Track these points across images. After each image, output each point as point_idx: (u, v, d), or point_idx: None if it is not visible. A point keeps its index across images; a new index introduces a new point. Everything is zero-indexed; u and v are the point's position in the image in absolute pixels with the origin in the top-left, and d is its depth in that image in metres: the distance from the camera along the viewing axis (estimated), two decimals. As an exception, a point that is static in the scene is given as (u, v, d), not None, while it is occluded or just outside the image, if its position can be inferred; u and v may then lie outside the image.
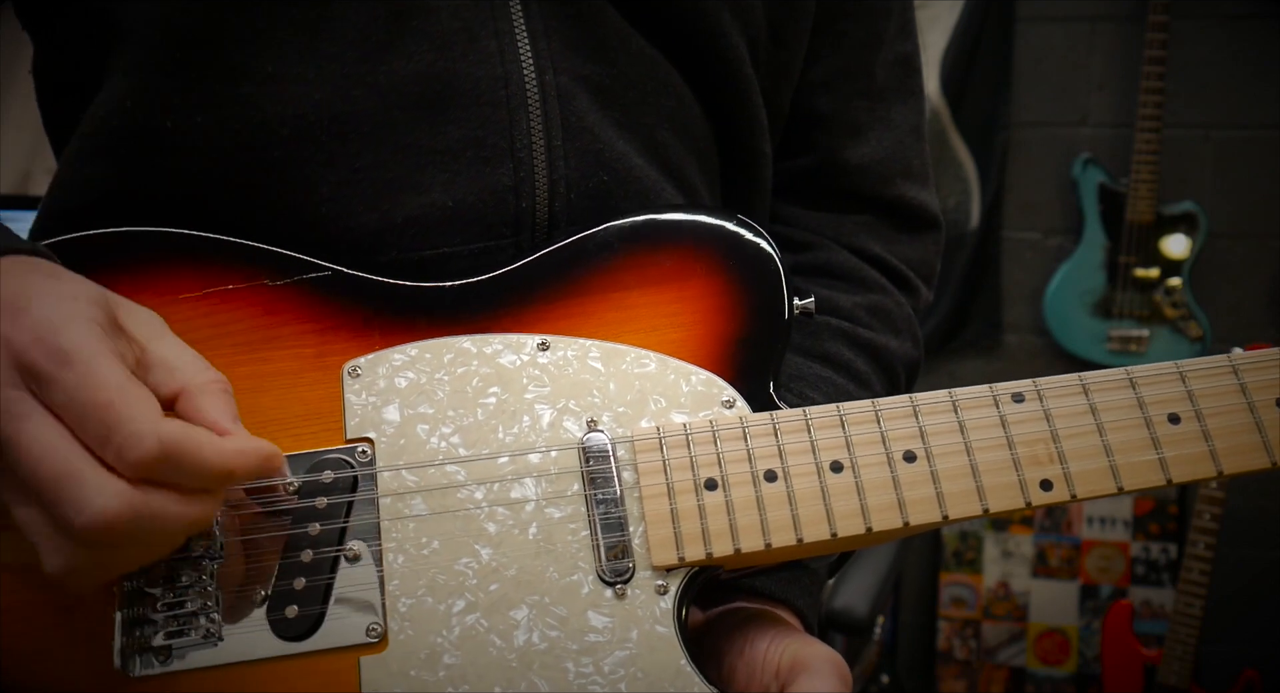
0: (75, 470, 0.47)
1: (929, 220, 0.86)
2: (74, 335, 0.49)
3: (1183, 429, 0.60)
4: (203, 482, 0.50)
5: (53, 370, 0.48)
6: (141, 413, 0.48)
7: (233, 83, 0.64)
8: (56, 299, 0.50)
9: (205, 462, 0.49)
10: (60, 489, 0.47)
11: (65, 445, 0.48)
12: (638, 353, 0.63)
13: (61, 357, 0.48)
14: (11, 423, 0.48)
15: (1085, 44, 2.51)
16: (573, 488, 0.60)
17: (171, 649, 0.57)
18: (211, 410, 0.52)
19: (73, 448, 0.48)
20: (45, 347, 0.48)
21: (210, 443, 0.50)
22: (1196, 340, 2.44)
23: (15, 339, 0.49)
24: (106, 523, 0.47)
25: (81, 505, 0.47)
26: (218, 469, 0.50)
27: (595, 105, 0.69)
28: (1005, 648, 2.64)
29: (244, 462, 0.51)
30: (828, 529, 0.59)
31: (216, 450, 0.50)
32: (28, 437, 0.48)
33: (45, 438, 0.48)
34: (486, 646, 0.57)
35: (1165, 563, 2.55)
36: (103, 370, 0.48)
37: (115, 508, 0.47)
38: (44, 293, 0.51)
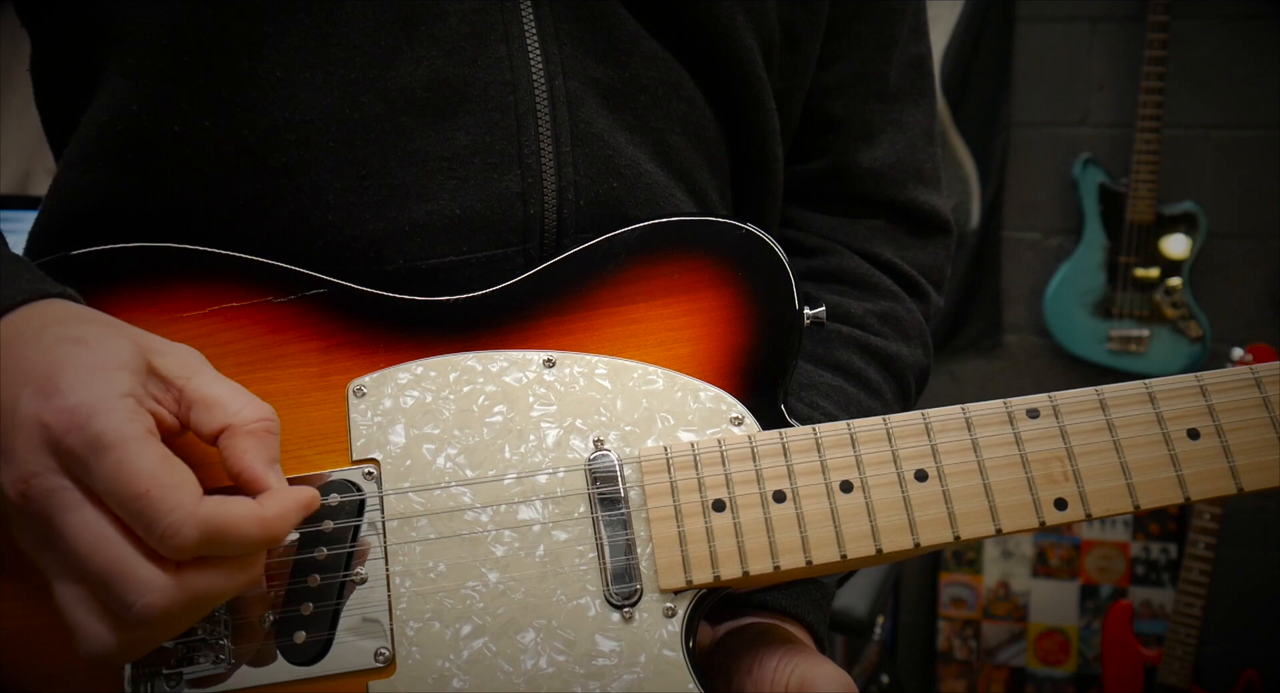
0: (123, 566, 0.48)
1: (940, 225, 0.86)
2: (107, 420, 0.49)
3: (1202, 445, 0.59)
4: (247, 552, 0.51)
5: (91, 458, 0.48)
6: (178, 500, 0.48)
7: (241, 88, 0.64)
8: (87, 373, 0.50)
9: (247, 535, 0.50)
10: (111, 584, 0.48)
11: (111, 536, 0.48)
12: (645, 369, 0.63)
13: (96, 444, 0.48)
14: (59, 513, 0.49)
15: (1085, 44, 2.51)
16: (579, 509, 0.60)
17: (182, 676, 0.56)
18: (248, 455, 0.52)
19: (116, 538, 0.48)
20: (81, 434, 0.48)
21: (249, 515, 0.50)
22: (1196, 340, 2.44)
23: (53, 424, 0.49)
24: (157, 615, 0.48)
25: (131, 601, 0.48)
26: (260, 540, 0.50)
27: (605, 109, 0.69)
28: (1005, 648, 2.64)
29: (284, 524, 0.51)
30: (837, 552, 0.58)
31: (256, 521, 0.50)
32: (75, 527, 0.48)
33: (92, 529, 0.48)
34: (495, 670, 0.57)
35: (1165, 563, 2.55)
36: (136, 458, 0.48)
37: (166, 600, 0.48)
38: (72, 366, 0.50)
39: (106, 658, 0.49)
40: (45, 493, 0.49)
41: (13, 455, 0.49)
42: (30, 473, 0.49)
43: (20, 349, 0.52)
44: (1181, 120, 2.44)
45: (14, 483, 0.49)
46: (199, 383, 0.53)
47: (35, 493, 0.49)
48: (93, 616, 0.49)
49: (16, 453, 0.49)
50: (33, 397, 0.50)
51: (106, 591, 0.48)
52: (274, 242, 0.65)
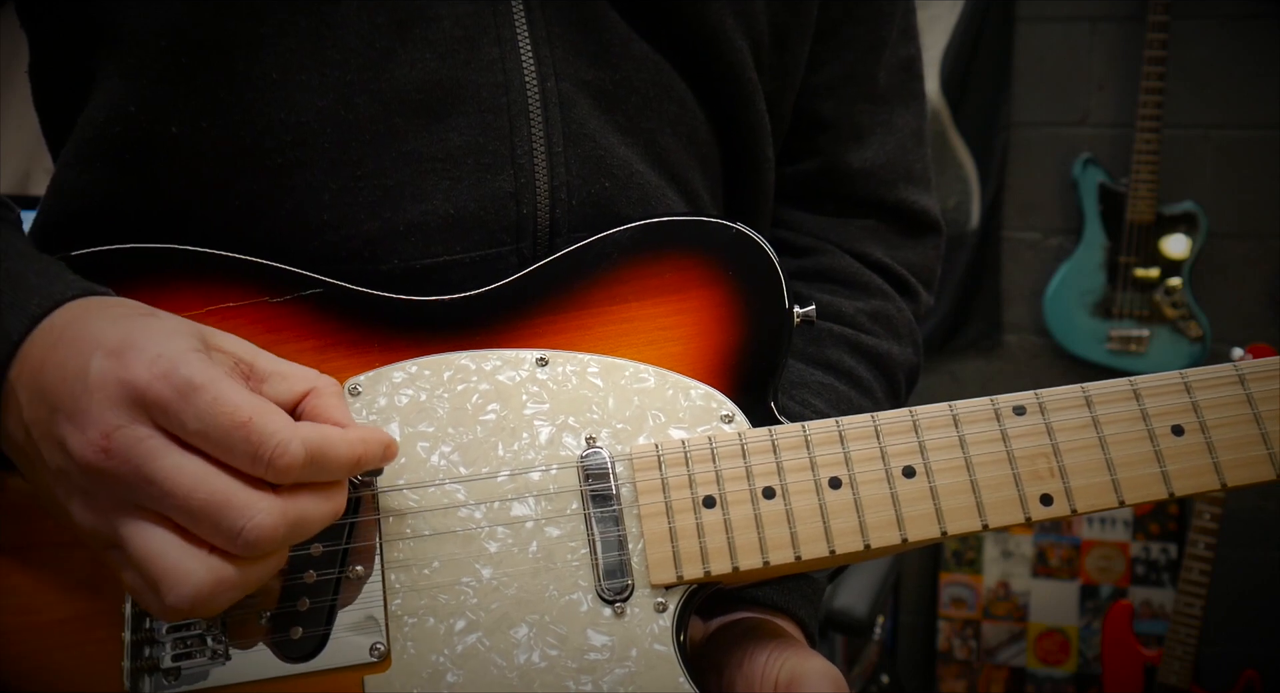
0: (229, 494, 0.50)
1: (930, 225, 0.86)
2: (193, 365, 0.51)
3: (1186, 442, 0.60)
4: (340, 474, 0.54)
5: (182, 402, 0.50)
6: (280, 423, 0.51)
7: (237, 89, 0.64)
8: (162, 335, 0.52)
9: (341, 456, 0.53)
10: (219, 513, 0.49)
11: (209, 472, 0.50)
12: (636, 368, 0.63)
13: (188, 387, 0.50)
14: (150, 459, 0.50)
15: (1085, 44, 2.51)
16: (572, 506, 0.60)
17: (180, 671, 0.57)
18: (335, 409, 0.55)
19: (217, 473, 0.50)
20: (170, 381, 0.50)
21: (342, 438, 0.53)
22: (1196, 340, 2.44)
23: (135, 378, 0.50)
24: (270, 535, 0.50)
25: (242, 524, 0.49)
26: (352, 459, 0.53)
27: (597, 111, 0.69)
28: (1005, 648, 2.64)
29: (371, 450, 0.55)
30: (826, 547, 0.59)
31: (349, 444, 0.53)
32: (171, 470, 0.50)
33: (189, 468, 0.50)
34: (488, 665, 0.58)
35: (1165, 563, 2.55)
36: (230, 391, 0.50)
37: (275, 520, 0.50)
38: (147, 330, 0.52)
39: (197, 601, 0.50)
40: (132, 442, 0.50)
41: (87, 417, 0.50)
42: (112, 427, 0.50)
43: (87, 325, 0.53)
44: (1181, 120, 2.44)
45: (92, 442, 0.50)
46: (266, 360, 0.56)
47: (120, 445, 0.50)
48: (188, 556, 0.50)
49: (91, 414, 0.50)
50: (105, 358, 0.51)
51: (214, 521, 0.49)
52: (270, 241, 0.65)
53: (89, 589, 0.59)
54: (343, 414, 0.55)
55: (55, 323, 0.54)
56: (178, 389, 0.50)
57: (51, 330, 0.54)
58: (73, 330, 0.53)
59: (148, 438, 0.50)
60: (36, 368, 0.53)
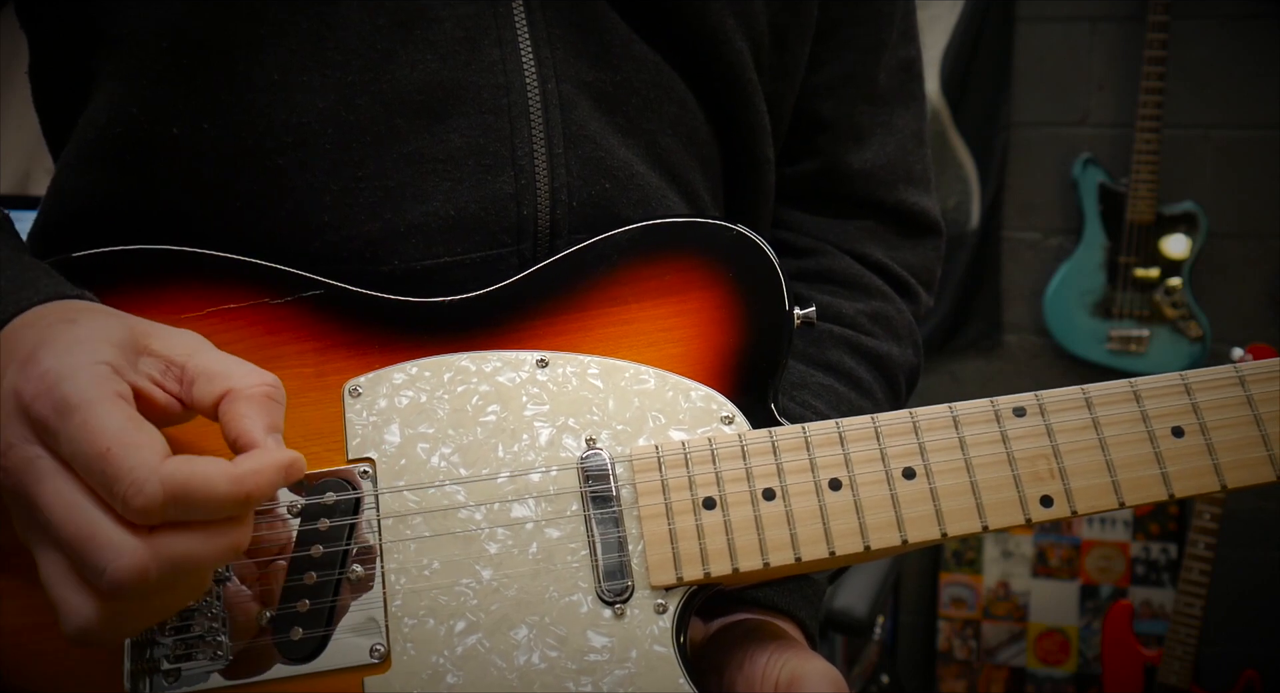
0: (91, 531, 0.46)
1: (930, 226, 0.86)
2: (75, 383, 0.48)
3: (1186, 443, 0.60)
4: (219, 513, 0.48)
5: (56, 422, 0.47)
6: (141, 458, 0.46)
7: (238, 90, 0.64)
8: (66, 345, 0.50)
9: (217, 493, 0.47)
10: (79, 550, 0.46)
11: (81, 503, 0.47)
12: (636, 369, 0.64)
13: (63, 406, 0.47)
14: (32, 483, 0.48)
15: (1085, 44, 2.51)
16: (572, 507, 0.60)
17: (180, 672, 0.57)
18: (245, 418, 0.50)
19: (89, 505, 0.47)
20: (49, 398, 0.48)
21: (220, 472, 0.47)
22: (1196, 340, 2.44)
23: (22, 392, 0.49)
24: (130, 580, 0.46)
25: (102, 566, 0.46)
26: (233, 498, 0.47)
27: (597, 112, 0.69)
28: (1005, 648, 2.64)
29: (260, 481, 0.48)
30: (825, 549, 0.59)
31: (228, 478, 0.47)
32: (47, 496, 0.47)
33: (62, 497, 0.47)
34: (488, 666, 0.58)
35: (1165, 563, 2.55)
36: (100, 417, 0.47)
37: (139, 563, 0.46)
38: (54, 340, 0.50)
39: (88, 634, 0.47)
40: (21, 463, 0.48)
41: None
42: (7, 445, 0.48)
43: (20, 334, 0.52)
44: (1181, 120, 2.44)
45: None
46: (201, 359, 0.52)
47: (13, 464, 0.48)
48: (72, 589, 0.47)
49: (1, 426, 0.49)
50: (15, 369, 0.50)
51: (80, 557, 0.46)
52: (271, 242, 0.66)
53: None
54: (247, 426, 0.49)
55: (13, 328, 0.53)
56: (55, 408, 0.47)
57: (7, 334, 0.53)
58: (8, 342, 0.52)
59: (36, 459, 0.48)
60: None
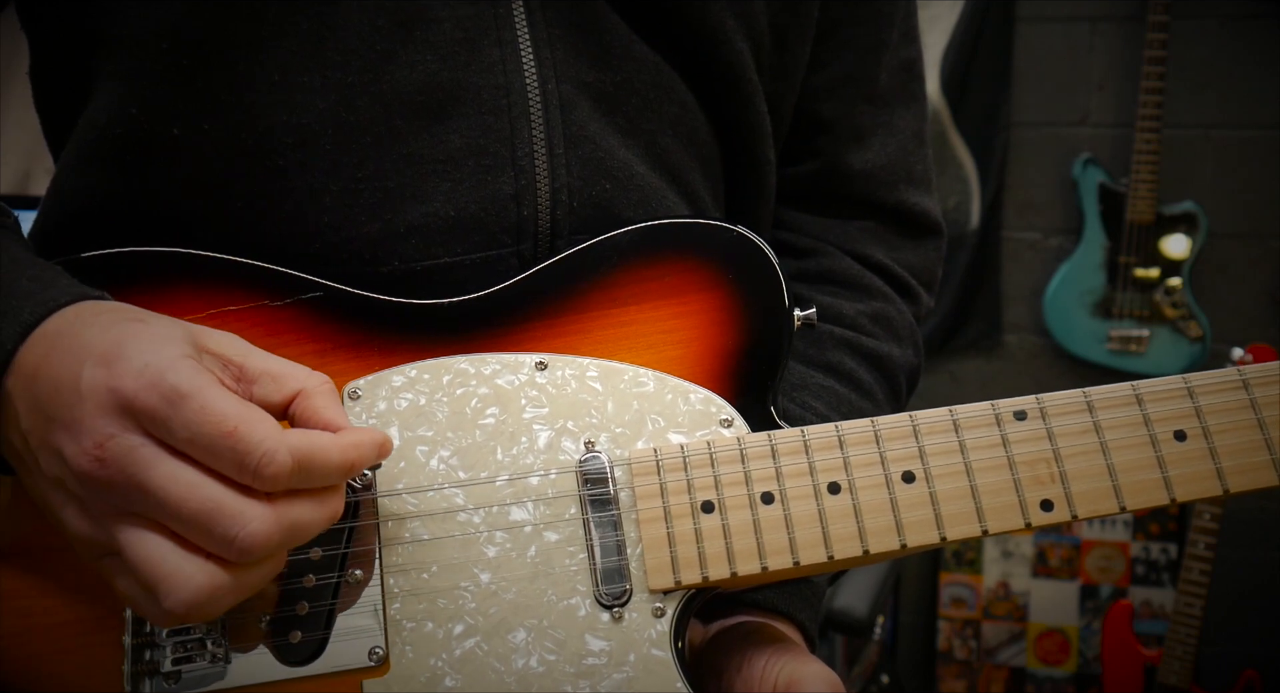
0: (219, 502, 0.49)
1: (931, 226, 0.86)
2: (179, 374, 0.50)
3: (1188, 447, 0.60)
4: (332, 480, 0.53)
5: (170, 411, 0.49)
6: (266, 432, 0.50)
7: (238, 91, 0.64)
8: (151, 342, 0.52)
9: (331, 461, 0.52)
10: (212, 521, 0.49)
11: (201, 480, 0.50)
12: (636, 371, 0.63)
13: (176, 395, 0.50)
14: (144, 468, 0.49)
15: (1085, 44, 2.51)
16: (570, 511, 0.60)
17: (180, 674, 0.57)
18: (326, 410, 0.55)
19: (209, 481, 0.50)
20: (158, 390, 0.50)
21: (333, 443, 0.52)
22: (1196, 340, 2.44)
23: (123, 387, 0.50)
24: (261, 542, 0.49)
25: (235, 532, 0.49)
26: (344, 465, 0.53)
27: (597, 113, 0.69)
28: (1005, 648, 2.64)
29: (364, 453, 0.54)
30: (824, 553, 0.59)
31: (340, 449, 0.52)
32: (163, 478, 0.49)
33: (181, 477, 0.50)
34: (486, 669, 0.58)
35: (1165, 563, 2.55)
36: (219, 401, 0.50)
37: (266, 528, 0.50)
38: (135, 337, 0.52)
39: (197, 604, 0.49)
40: (125, 452, 0.50)
41: (80, 426, 0.50)
42: (106, 436, 0.50)
43: (78, 333, 0.53)
44: (1181, 120, 2.44)
45: (86, 452, 0.50)
46: (257, 359, 0.55)
47: (113, 454, 0.50)
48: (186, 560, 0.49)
49: (84, 423, 0.50)
50: (96, 367, 0.51)
51: (207, 529, 0.49)
52: (271, 243, 0.65)
53: (90, 593, 0.59)
54: (334, 415, 0.55)
55: (48, 331, 0.54)
56: (165, 398, 0.49)
57: (44, 338, 0.54)
58: (65, 339, 0.53)
59: (140, 447, 0.50)
60: (31, 377, 0.53)
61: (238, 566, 0.51)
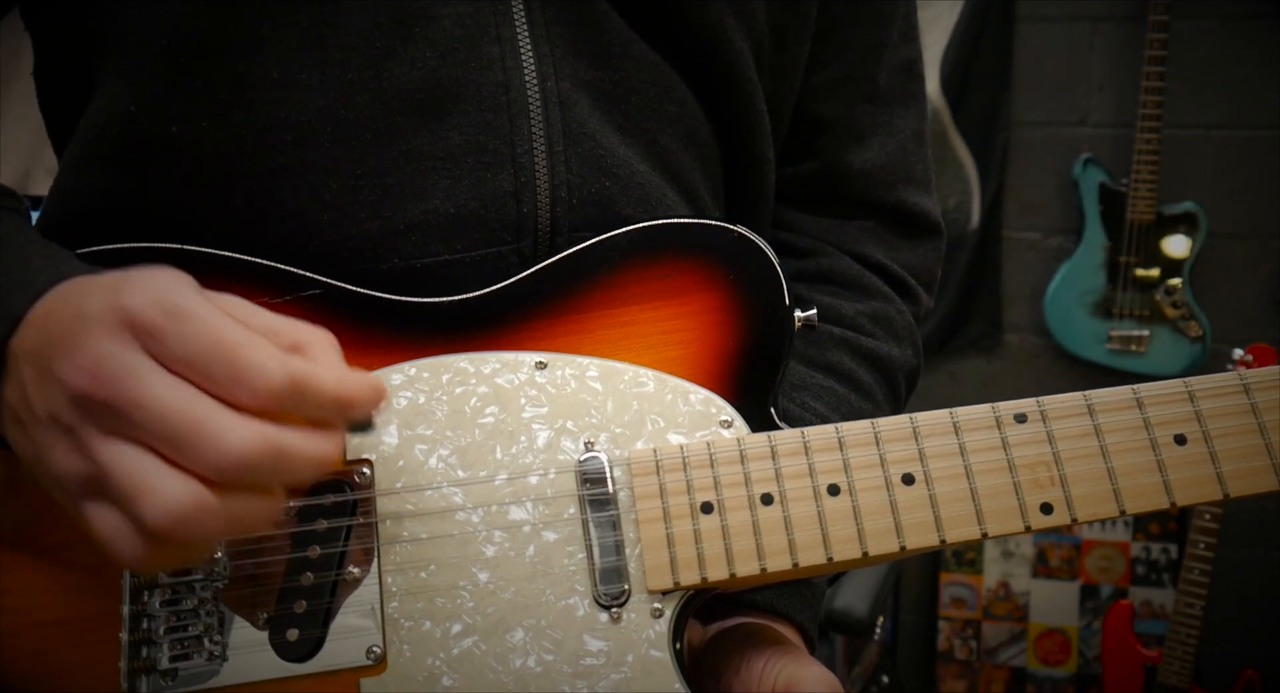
0: (205, 413, 0.48)
1: (930, 227, 0.86)
2: (183, 295, 0.50)
3: (1189, 451, 0.59)
4: (327, 411, 0.51)
5: (170, 324, 0.49)
6: (265, 349, 0.49)
7: (238, 89, 0.64)
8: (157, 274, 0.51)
9: (328, 390, 0.50)
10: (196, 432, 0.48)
11: (193, 395, 0.48)
12: (636, 372, 0.63)
13: (178, 311, 0.49)
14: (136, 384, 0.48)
15: (1085, 44, 2.51)
16: (569, 510, 0.60)
17: (177, 671, 0.57)
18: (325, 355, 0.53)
19: (200, 397, 0.48)
20: (161, 305, 0.49)
21: (329, 373, 0.51)
22: (1197, 340, 2.44)
23: (125, 303, 0.49)
24: (243, 457, 0.48)
25: (216, 441, 0.47)
26: (340, 397, 0.51)
27: (597, 111, 0.69)
28: (1005, 648, 2.64)
29: (361, 391, 0.52)
30: (823, 554, 0.59)
31: (337, 380, 0.51)
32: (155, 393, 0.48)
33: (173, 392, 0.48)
34: (484, 669, 0.58)
35: (1165, 563, 2.55)
36: (219, 321, 0.49)
37: (252, 442, 0.48)
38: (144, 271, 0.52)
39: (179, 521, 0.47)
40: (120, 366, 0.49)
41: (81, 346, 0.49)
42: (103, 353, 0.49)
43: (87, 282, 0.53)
44: (1181, 120, 2.44)
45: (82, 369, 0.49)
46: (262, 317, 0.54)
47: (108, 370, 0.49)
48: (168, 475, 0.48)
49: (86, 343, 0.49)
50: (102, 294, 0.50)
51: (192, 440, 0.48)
52: (271, 241, 0.65)
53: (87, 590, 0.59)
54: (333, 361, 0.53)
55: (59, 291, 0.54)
56: (167, 313, 0.49)
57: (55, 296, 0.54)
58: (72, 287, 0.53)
59: (138, 364, 0.49)
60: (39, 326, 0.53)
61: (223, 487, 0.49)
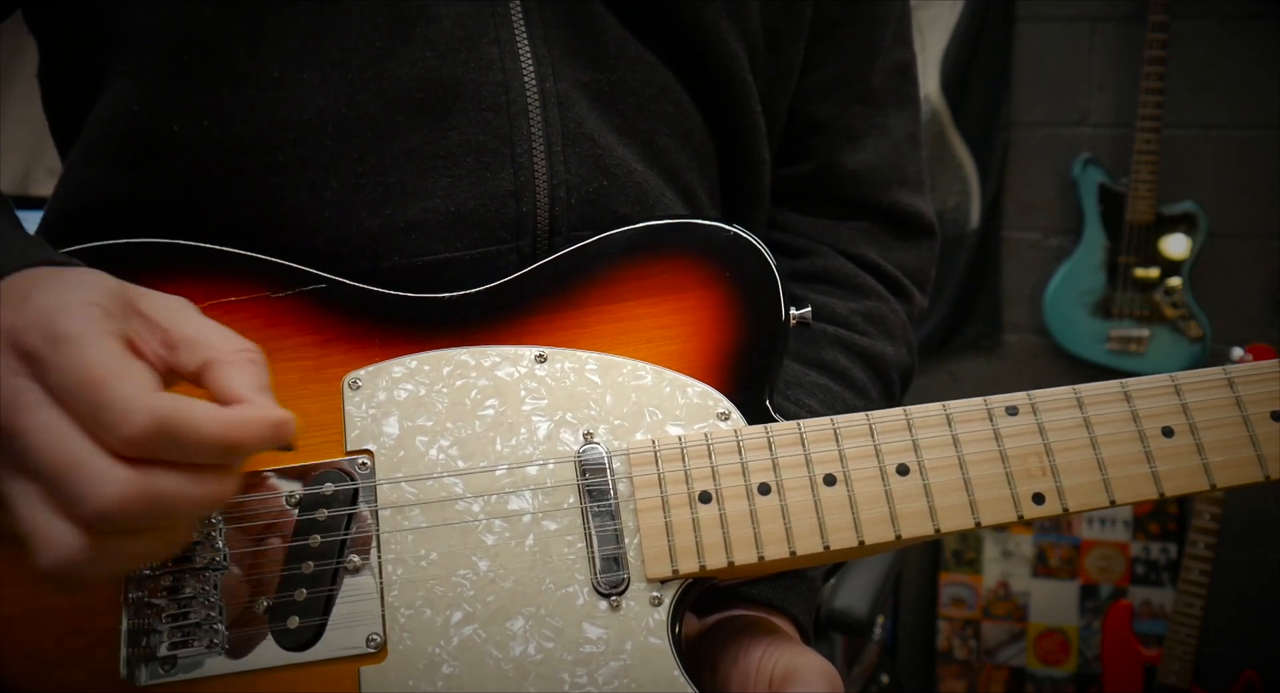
0: (77, 458, 0.46)
1: (924, 227, 0.87)
2: (69, 317, 0.48)
3: (1176, 443, 0.61)
4: (205, 455, 0.48)
5: (47, 352, 0.47)
6: (132, 389, 0.46)
7: (240, 88, 0.65)
8: (60, 287, 0.50)
9: (202, 433, 0.47)
10: (64, 477, 0.46)
11: (67, 432, 0.46)
12: (634, 365, 0.64)
13: (56, 337, 0.47)
14: (15, 413, 0.47)
15: (1085, 44, 2.51)
16: (569, 500, 0.61)
17: (176, 659, 0.58)
18: (232, 380, 0.50)
19: (75, 435, 0.46)
20: (42, 330, 0.47)
21: (209, 414, 0.47)
22: (1196, 340, 2.44)
23: (15, 325, 0.48)
24: (113, 508, 0.45)
25: (86, 492, 0.45)
26: (217, 440, 0.47)
27: (594, 111, 0.70)
28: (1005, 648, 2.65)
29: (247, 430, 0.48)
30: (820, 543, 0.60)
31: (216, 420, 0.47)
32: (30, 425, 0.46)
33: (48, 426, 0.46)
34: (484, 656, 0.58)
35: (1165, 563, 2.55)
36: (93, 349, 0.47)
37: (119, 492, 0.45)
38: (48, 282, 0.50)
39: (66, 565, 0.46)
40: (9, 393, 0.47)
41: None
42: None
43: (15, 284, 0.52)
44: (1181, 120, 2.45)
45: None
46: (185, 325, 0.52)
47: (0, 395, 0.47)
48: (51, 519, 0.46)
49: None
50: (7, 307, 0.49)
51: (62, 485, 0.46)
52: (273, 238, 0.66)
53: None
54: (236, 386, 0.49)
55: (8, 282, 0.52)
56: (47, 339, 0.47)
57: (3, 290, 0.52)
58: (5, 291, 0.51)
59: (23, 391, 0.47)
60: None
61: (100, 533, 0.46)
